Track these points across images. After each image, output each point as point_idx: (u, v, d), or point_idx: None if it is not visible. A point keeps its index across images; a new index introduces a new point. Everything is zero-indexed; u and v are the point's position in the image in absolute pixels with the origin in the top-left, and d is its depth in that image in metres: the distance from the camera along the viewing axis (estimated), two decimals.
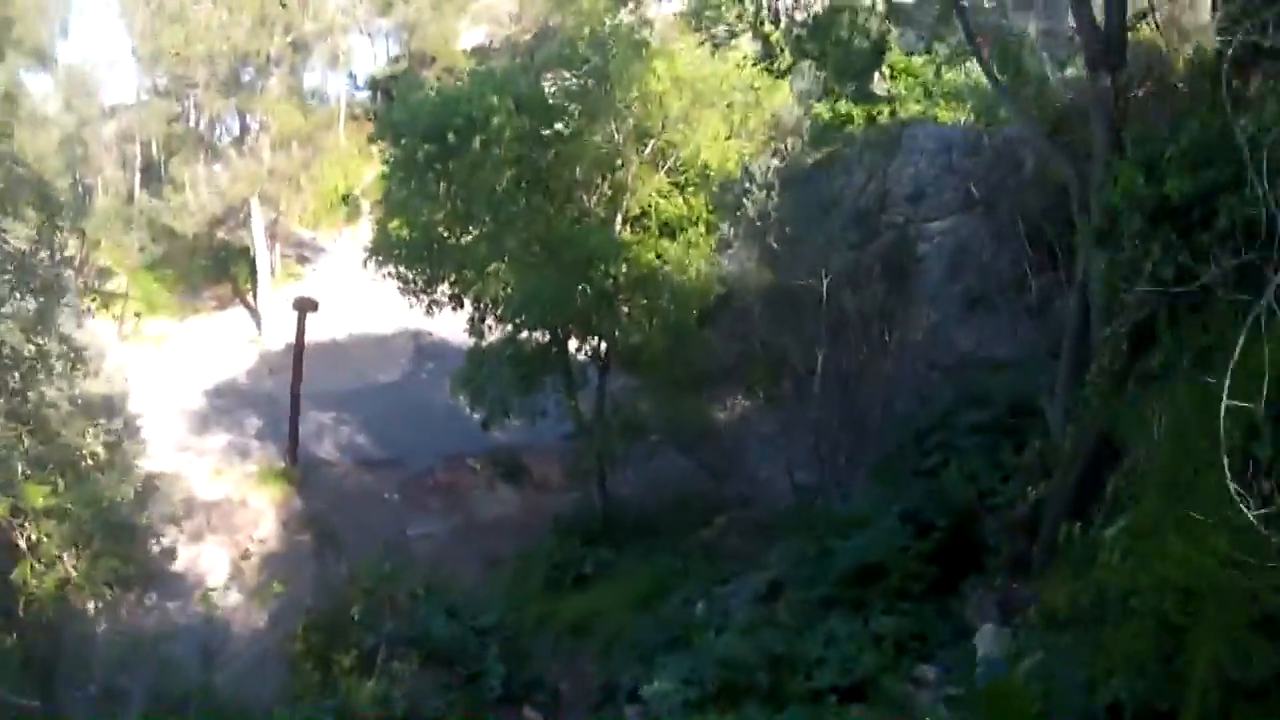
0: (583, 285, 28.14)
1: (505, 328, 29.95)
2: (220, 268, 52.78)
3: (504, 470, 36.08)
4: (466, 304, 30.61)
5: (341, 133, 57.87)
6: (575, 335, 30.21)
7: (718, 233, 30.76)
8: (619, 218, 29.85)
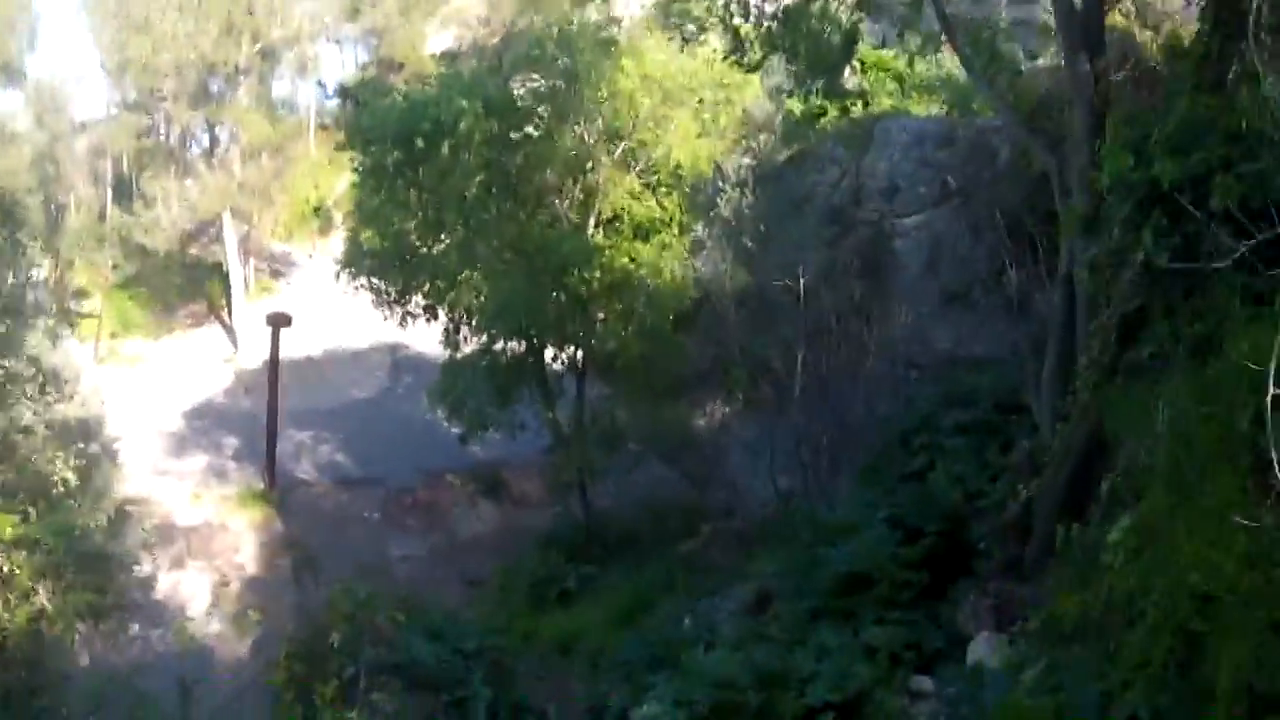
0: (556, 292, 27.60)
1: (480, 338, 29.28)
2: (194, 284, 51.63)
3: (484, 486, 35.30)
4: (441, 315, 29.91)
5: (312, 142, 57.10)
6: (551, 344, 29.49)
7: (691, 234, 30.03)
8: (591, 221, 29.14)
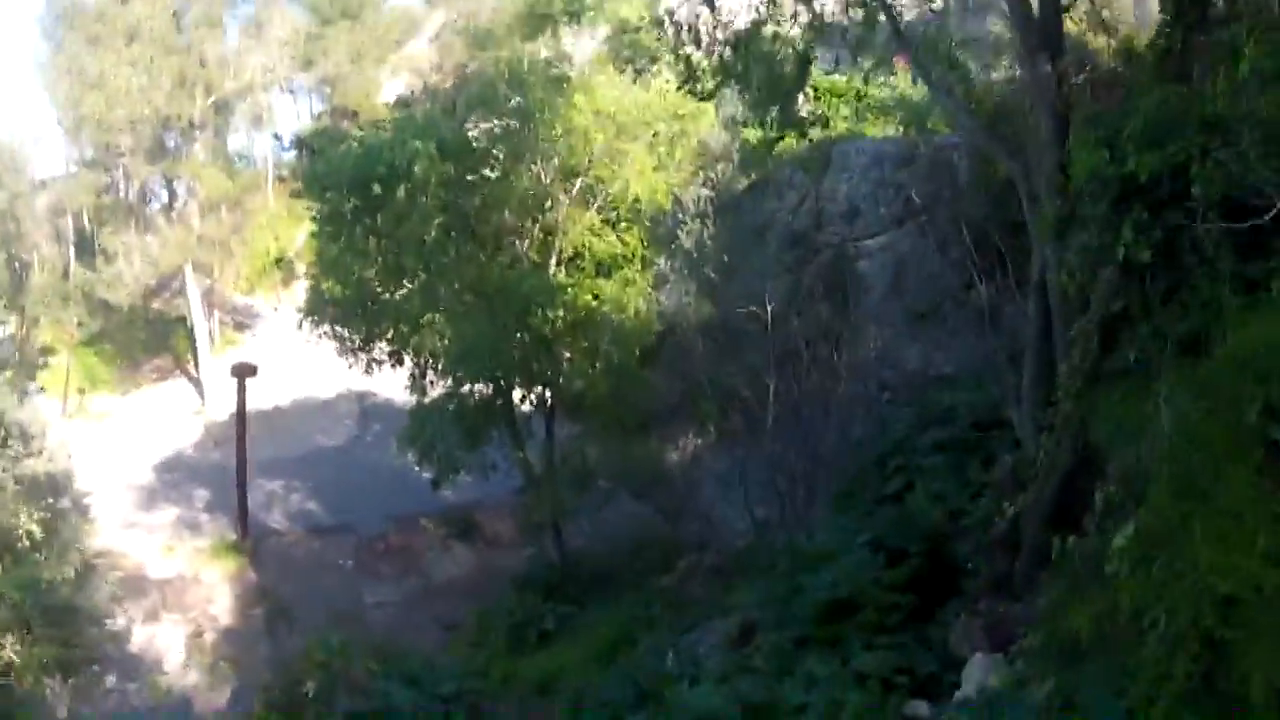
0: (520, 332, 26.98)
1: (446, 382, 28.56)
2: (159, 339, 51.07)
3: (457, 529, 34.60)
4: (406, 360, 29.17)
5: (270, 194, 56.36)
6: (518, 384, 28.79)
7: (654, 268, 29.42)
8: (553, 260, 28.60)
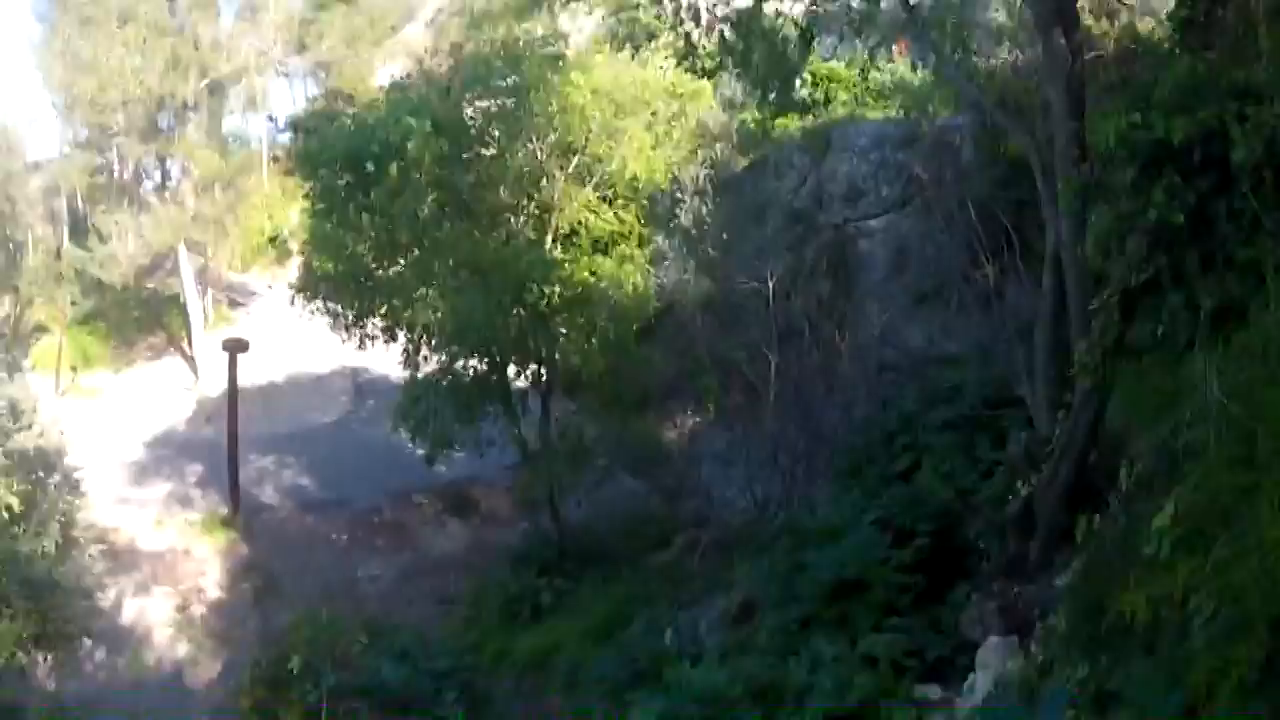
0: (516, 308, 26.19)
1: (440, 358, 27.79)
2: (153, 317, 49.99)
3: (451, 505, 33.66)
4: (400, 336, 28.42)
5: (265, 175, 55.45)
6: (514, 361, 28.02)
7: (651, 246, 28.72)
8: (549, 237, 27.84)
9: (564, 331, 27.36)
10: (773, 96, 32.34)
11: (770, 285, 23.86)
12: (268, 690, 19.14)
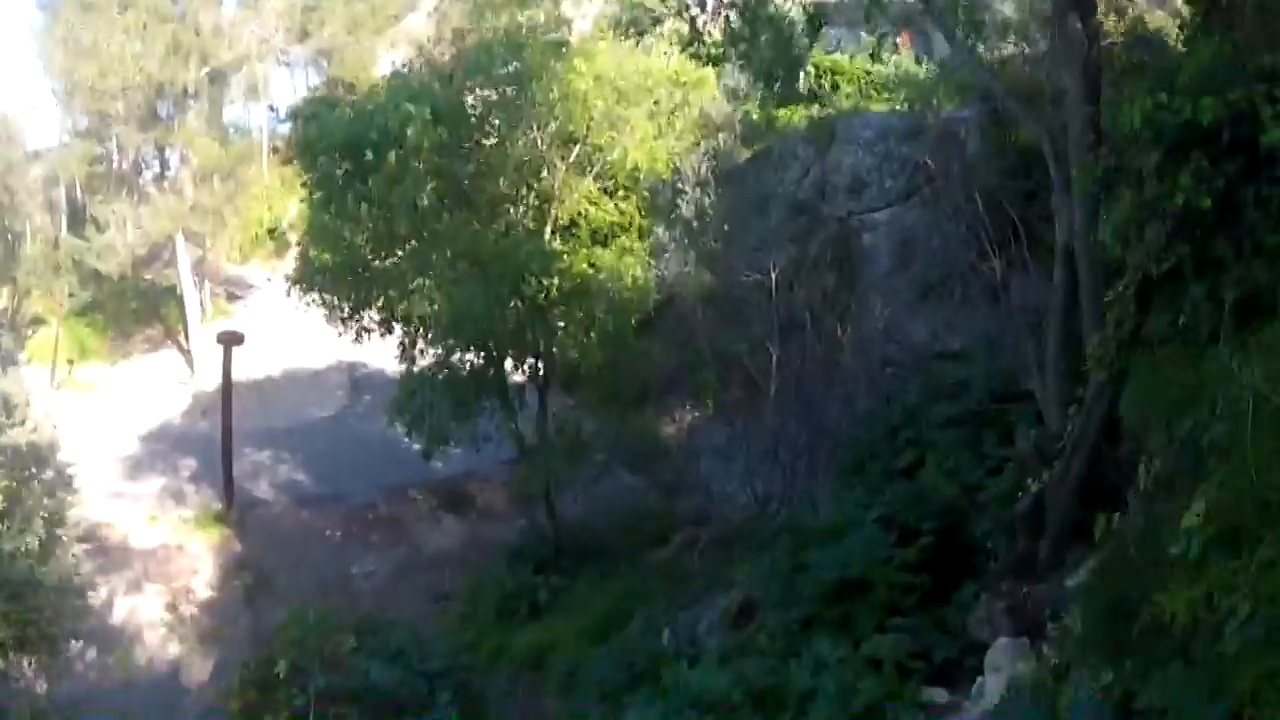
0: (514, 300, 25.63)
1: (437, 351, 27.18)
2: (150, 309, 49.25)
3: (447, 500, 33.08)
4: (396, 329, 27.84)
5: (265, 165, 54.78)
6: (511, 355, 27.47)
7: (652, 237, 28.13)
8: (548, 228, 27.27)
9: (562, 324, 26.85)
10: (777, 86, 31.75)
11: (773, 278, 23.31)
12: (258, 692, 18.55)
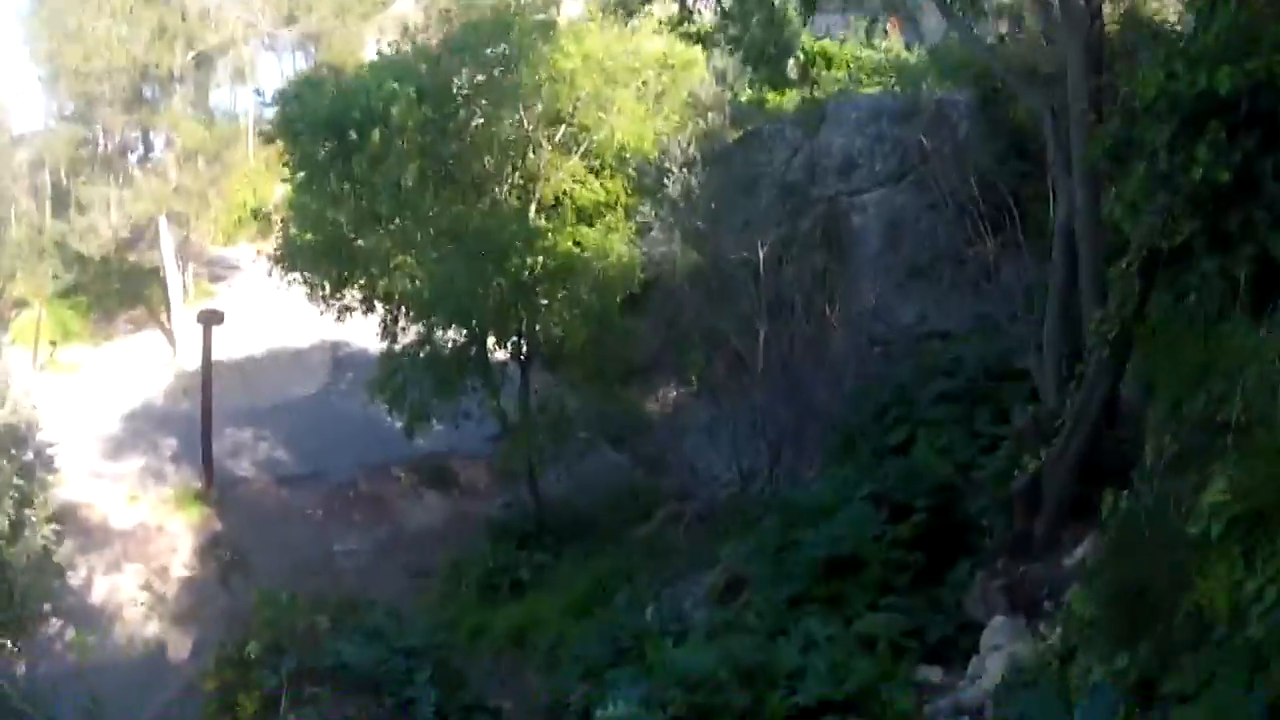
0: (497, 278, 25.12)
1: (419, 328, 26.84)
2: (133, 291, 48.36)
3: (430, 477, 32.53)
4: (378, 306, 27.38)
5: (250, 148, 54.06)
6: (494, 332, 27.03)
7: (638, 217, 27.67)
8: (533, 206, 26.84)
9: (546, 302, 26.42)
10: (767, 69, 31.26)
11: (761, 256, 22.87)
12: (233, 672, 17.94)
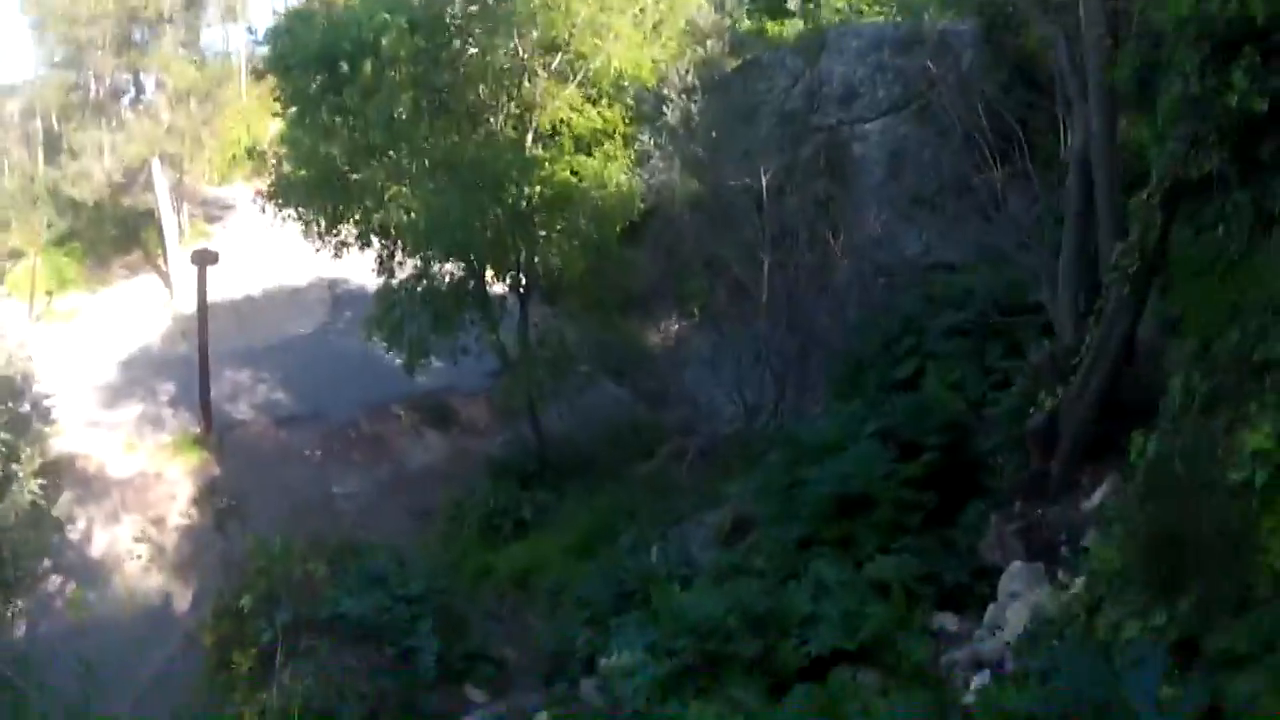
0: (493, 209, 24.43)
1: (415, 262, 26.18)
2: (129, 235, 47.64)
3: (430, 416, 31.86)
4: (374, 241, 26.71)
5: (244, 87, 53.09)
6: (491, 265, 26.37)
7: (637, 144, 26.93)
8: (529, 136, 26.07)
9: (544, 233, 25.87)
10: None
11: (764, 183, 22.11)
12: (230, 625, 17.39)
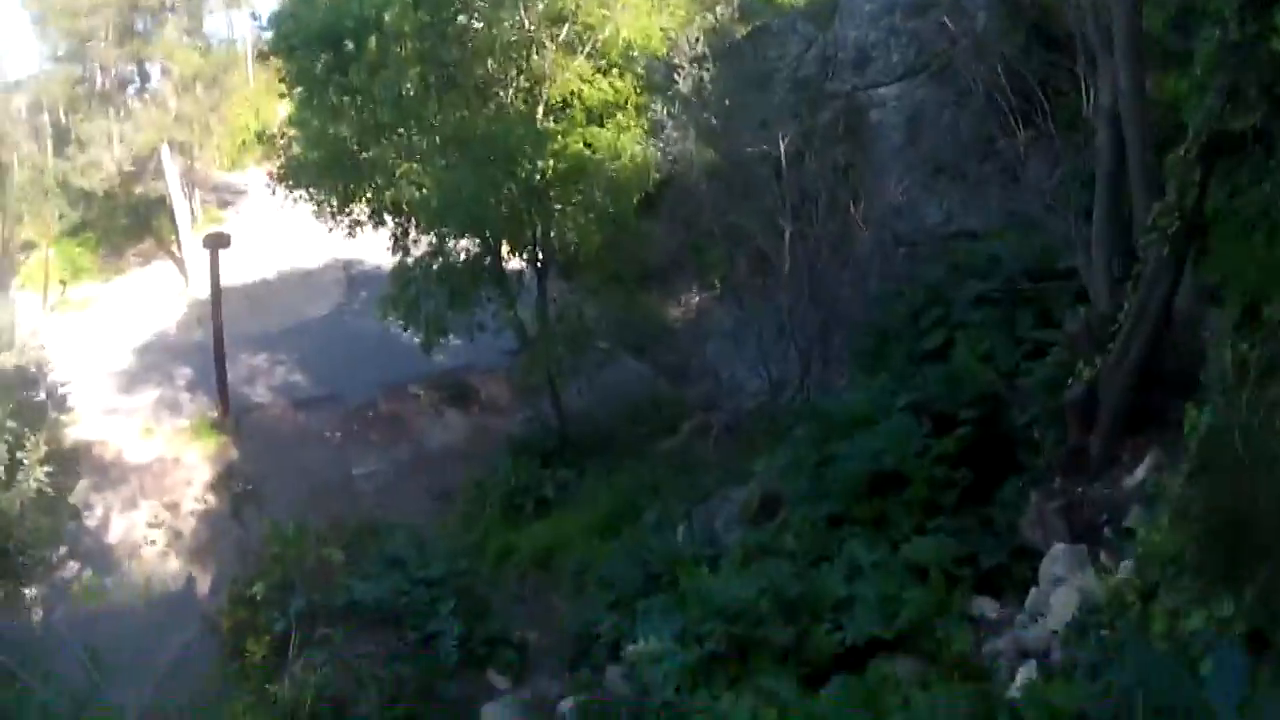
0: (506, 184, 23.93)
1: (430, 239, 25.65)
2: (141, 223, 47.53)
3: (449, 395, 31.41)
4: (387, 219, 26.29)
5: (250, 72, 52.66)
6: (507, 240, 25.83)
7: (650, 114, 26.38)
8: (540, 109, 25.56)
9: (559, 207, 25.37)
10: None
11: (782, 149, 21.51)
12: (245, 612, 16.94)
